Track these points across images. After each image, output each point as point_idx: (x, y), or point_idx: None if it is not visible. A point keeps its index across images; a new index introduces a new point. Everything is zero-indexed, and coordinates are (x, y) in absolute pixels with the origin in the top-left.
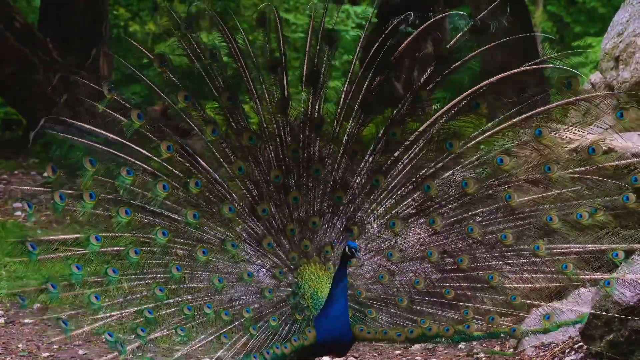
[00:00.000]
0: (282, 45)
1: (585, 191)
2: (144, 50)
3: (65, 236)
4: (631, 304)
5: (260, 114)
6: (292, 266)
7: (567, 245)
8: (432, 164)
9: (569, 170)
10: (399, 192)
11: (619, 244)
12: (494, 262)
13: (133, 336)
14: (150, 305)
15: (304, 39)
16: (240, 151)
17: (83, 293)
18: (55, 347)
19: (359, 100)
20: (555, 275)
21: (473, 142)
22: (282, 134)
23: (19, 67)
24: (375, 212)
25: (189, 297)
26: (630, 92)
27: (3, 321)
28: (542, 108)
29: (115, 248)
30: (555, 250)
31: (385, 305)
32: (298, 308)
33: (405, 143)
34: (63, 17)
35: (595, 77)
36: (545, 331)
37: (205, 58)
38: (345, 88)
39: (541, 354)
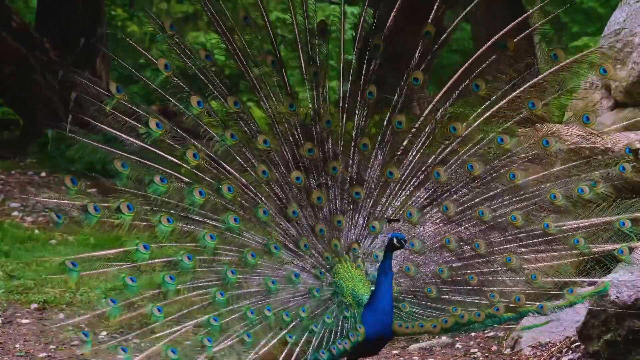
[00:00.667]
0: (275, 43)
1: (584, 165)
2: (148, 55)
3: (107, 252)
4: (628, 303)
5: (270, 115)
6: (327, 266)
7: (575, 222)
8: (440, 150)
9: (567, 142)
10: (411, 182)
11: (623, 213)
12: (509, 245)
13: (199, 348)
14: (214, 314)
15: (294, 38)
16: (258, 155)
17: (143, 305)
18: (52, 347)
19: (360, 93)
20: (569, 252)
21: (475, 123)
22: (296, 133)
23: (16, 67)
24: (392, 205)
25: (247, 302)
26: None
27: (0, 321)
28: (534, 80)
29: (165, 259)
30: (564, 227)
31: (416, 297)
32: (343, 306)
33: (412, 131)
34: (61, 17)
35: (592, 76)
36: (571, 304)
37: (202, 60)
38: (343, 84)
39: (538, 353)
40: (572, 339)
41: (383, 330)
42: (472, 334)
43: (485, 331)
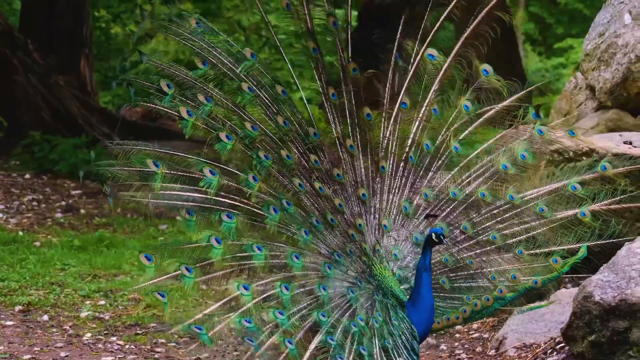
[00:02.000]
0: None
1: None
2: (162, 63)
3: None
4: (612, 304)
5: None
6: (367, 269)
7: (533, 190)
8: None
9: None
10: (398, 173)
11: (572, 177)
12: (488, 223)
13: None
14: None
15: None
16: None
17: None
18: (37, 349)
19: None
20: (538, 221)
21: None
22: (297, 144)
23: (0, 69)
24: (395, 200)
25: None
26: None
27: None
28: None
29: (280, 260)
30: (526, 197)
31: (435, 291)
32: (389, 307)
33: (383, 120)
34: (45, 20)
35: (577, 78)
36: (560, 274)
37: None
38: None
39: (523, 354)
40: (556, 340)
41: (427, 330)
42: (457, 335)
43: (470, 332)
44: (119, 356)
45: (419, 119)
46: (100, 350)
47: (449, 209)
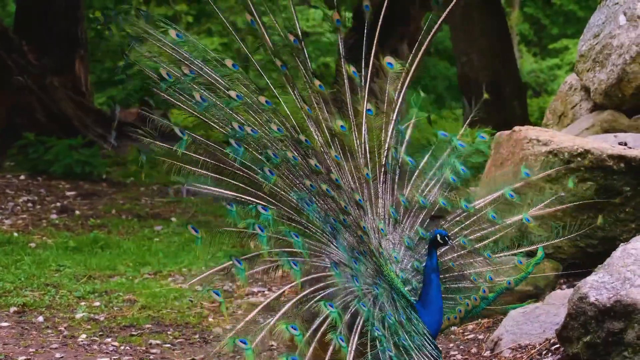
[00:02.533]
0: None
1: None
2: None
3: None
4: (607, 305)
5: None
6: (379, 269)
7: (481, 199)
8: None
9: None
10: (382, 179)
11: (506, 187)
12: (455, 229)
13: None
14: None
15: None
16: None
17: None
18: (31, 350)
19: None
20: (493, 227)
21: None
22: (296, 148)
23: None
24: (385, 201)
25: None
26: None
27: None
28: None
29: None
30: (477, 206)
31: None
32: (401, 309)
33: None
34: (39, 21)
35: (572, 78)
36: (526, 274)
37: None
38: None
39: (518, 355)
40: (551, 341)
41: (438, 330)
42: (452, 336)
43: (465, 333)
44: (114, 357)
45: (384, 125)
46: (95, 352)
47: (422, 216)
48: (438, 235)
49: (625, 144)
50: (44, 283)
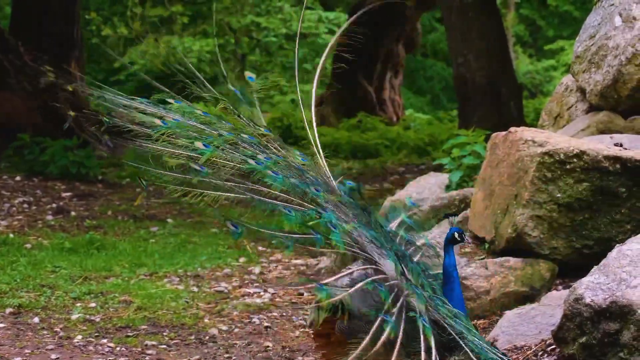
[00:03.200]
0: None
1: None
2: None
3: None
4: (603, 306)
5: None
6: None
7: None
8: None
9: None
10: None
11: (402, 214)
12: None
13: None
14: None
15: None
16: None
17: None
18: (27, 351)
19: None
20: (412, 248)
21: None
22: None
23: None
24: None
25: None
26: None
27: None
28: None
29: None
30: (392, 228)
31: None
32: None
33: None
34: (36, 22)
35: (567, 79)
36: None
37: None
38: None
39: (514, 356)
40: (547, 342)
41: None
42: None
43: None
44: (110, 358)
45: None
46: (91, 353)
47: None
48: (455, 232)
49: (621, 145)
50: (39, 284)
